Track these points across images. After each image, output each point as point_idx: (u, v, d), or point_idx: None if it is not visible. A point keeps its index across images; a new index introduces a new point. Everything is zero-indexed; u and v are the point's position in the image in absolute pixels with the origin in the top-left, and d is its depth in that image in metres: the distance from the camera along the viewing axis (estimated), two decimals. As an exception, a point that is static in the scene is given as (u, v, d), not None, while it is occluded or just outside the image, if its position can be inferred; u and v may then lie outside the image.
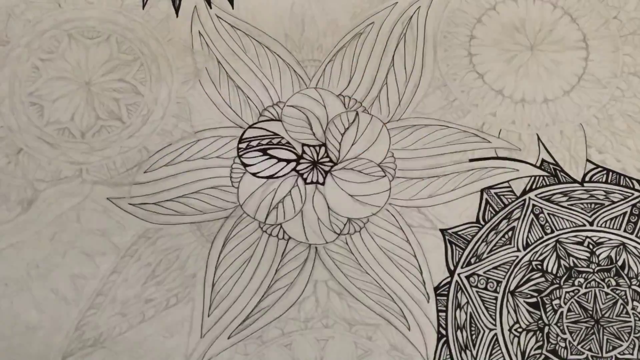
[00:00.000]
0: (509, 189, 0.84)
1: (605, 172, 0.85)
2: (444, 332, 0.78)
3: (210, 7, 0.90)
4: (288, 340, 0.77)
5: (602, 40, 0.91)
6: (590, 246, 0.82)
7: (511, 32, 0.91)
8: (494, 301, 0.80)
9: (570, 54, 0.90)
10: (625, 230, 0.83)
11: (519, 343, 0.79)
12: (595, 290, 0.80)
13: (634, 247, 0.82)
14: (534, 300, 0.80)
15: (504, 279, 0.81)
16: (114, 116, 0.86)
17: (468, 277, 0.81)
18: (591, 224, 0.83)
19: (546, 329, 0.79)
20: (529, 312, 0.80)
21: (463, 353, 0.78)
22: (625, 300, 0.80)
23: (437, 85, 0.89)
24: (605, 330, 0.79)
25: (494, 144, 0.86)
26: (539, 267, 0.81)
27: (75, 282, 0.81)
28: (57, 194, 0.82)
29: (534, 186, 0.85)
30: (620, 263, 0.82)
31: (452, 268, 0.81)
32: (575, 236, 0.83)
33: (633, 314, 0.80)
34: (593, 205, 0.84)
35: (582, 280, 0.81)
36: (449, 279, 0.81)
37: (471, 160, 0.86)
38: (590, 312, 0.80)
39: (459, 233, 0.82)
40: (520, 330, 0.79)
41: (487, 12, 0.92)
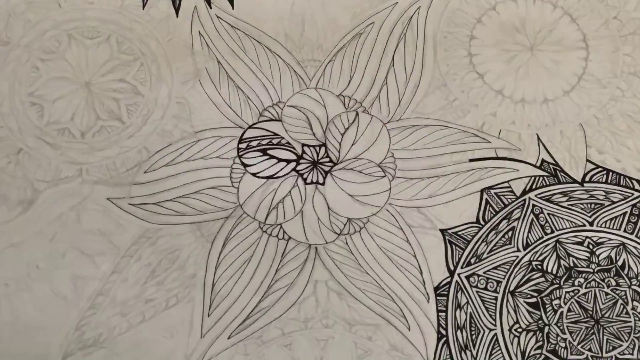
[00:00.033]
0: (509, 189, 0.84)
1: (605, 172, 0.85)
2: (444, 332, 0.78)
3: (210, 7, 0.90)
4: (288, 340, 0.77)
5: (602, 40, 0.91)
6: (590, 246, 0.82)
7: (511, 32, 0.91)
8: (494, 301, 0.80)
9: (570, 54, 0.90)
10: (625, 231, 0.83)
11: (519, 343, 0.79)
12: (595, 290, 0.80)
13: (634, 247, 0.82)
14: (534, 300, 0.80)
15: (504, 279, 0.81)
16: (114, 116, 0.86)
17: (468, 277, 0.81)
18: (591, 224, 0.83)
19: (546, 329, 0.79)
20: (529, 312, 0.80)
21: (463, 353, 0.78)
22: (625, 300, 0.80)
23: (437, 85, 0.89)
24: (605, 330, 0.79)
25: (494, 144, 0.86)
26: (539, 267, 0.81)
27: (75, 282, 0.80)
28: (57, 194, 0.82)
29: (534, 186, 0.85)
30: (620, 263, 0.82)
31: (452, 268, 0.81)
32: (575, 236, 0.83)
33: (633, 314, 0.80)
34: (593, 206, 0.84)
35: (582, 280, 0.81)
36: (449, 279, 0.81)
37: (471, 160, 0.86)
38: (590, 312, 0.80)
39: (459, 233, 0.82)
40: (520, 330, 0.79)
41: (487, 12, 0.92)
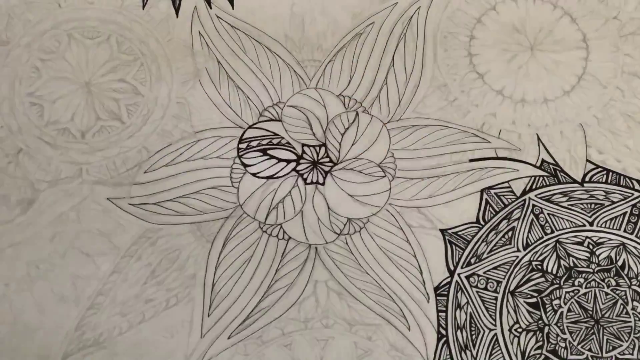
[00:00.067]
0: (509, 189, 0.84)
1: (605, 172, 0.85)
2: (444, 332, 0.78)
3: (210, 7, 0.90)
4: (288, 340, 0.77)
5: (602, 40, 0.91)
6: (590, 246, 0.82)
7: (511, 32, 0.91)
8: (494, 301, 0.80)
9: (570, 54, 0.90)
10: (625, 231, 0.83)
11: (519, 343, 0.79)
12: (595, 290, 0.80)
13: (634, 247, 0.82)
14: (534, 300, 0.80)
15: (504, 279, 0.81)
16: (114, 116, 0.86)
17: (468, 277, 0.81)
18: (591, 224, 0.83)
19: (546, 329, 0.79)
20: (529, 312, 0.80)
21: (463, 353, 0.78)
22: (625, 300, 0.80)
23: (437, 85, 0.89)
24: (605, 330, 0.79)
25: (494, 144, 0.86)
26: (539, 267, 0.81)
27: (75, 282, 0.80)
28: (57, 194, 0.82)
29: (534, 186, 0.85)
30: (620, 263, 0.82)
31: (452, 268, 0.81)
32: (575, 236, 0.83)
33: (633, 314, 0.80)
34: (593, 206, 0.84)
35: (582, 280, 0.81)
36: (449, 279, 0.81)
37: (471, 160, 0.86)
38: (590, 312, 0.80)
39: (459, 233, 0.82)
40: (520, 330, 0.79)
41: (487, 12, 0.92)
